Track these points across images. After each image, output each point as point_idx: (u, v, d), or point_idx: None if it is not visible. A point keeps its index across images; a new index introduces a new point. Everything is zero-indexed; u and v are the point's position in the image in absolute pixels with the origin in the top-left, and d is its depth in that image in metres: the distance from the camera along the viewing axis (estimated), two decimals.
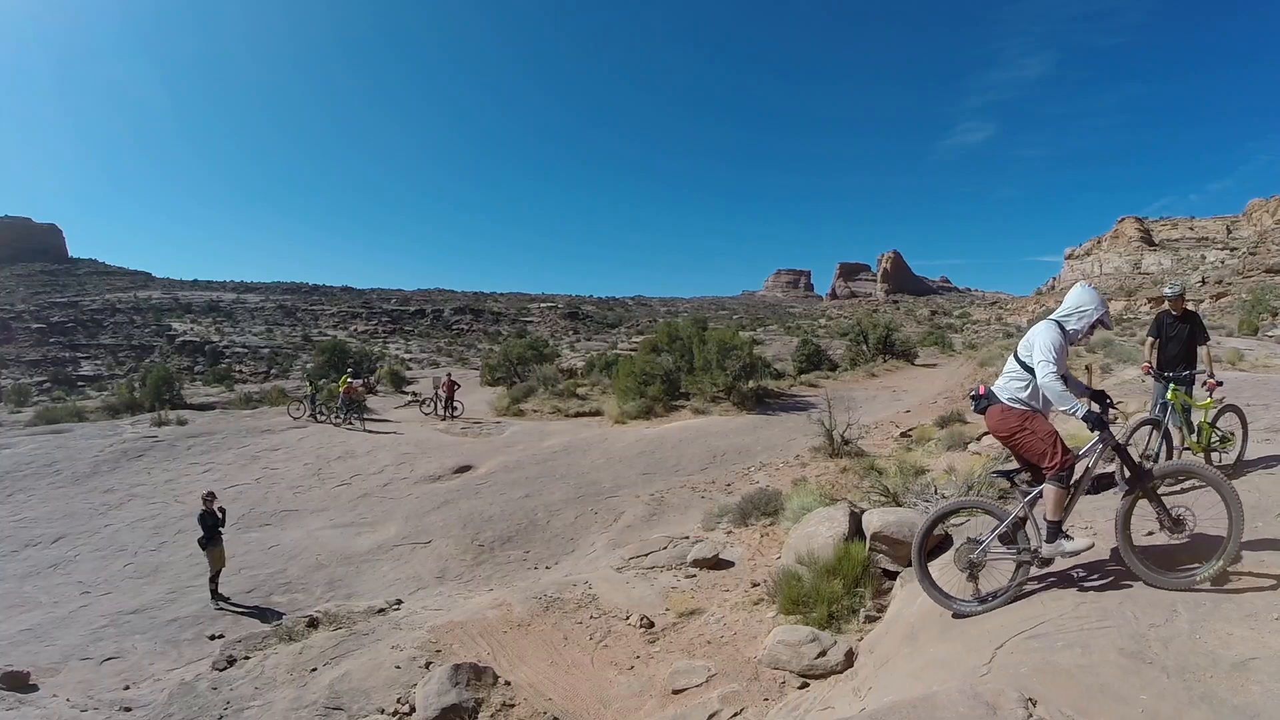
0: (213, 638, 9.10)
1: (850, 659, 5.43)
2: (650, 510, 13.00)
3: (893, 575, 6.50)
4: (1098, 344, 29.94)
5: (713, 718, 5.36)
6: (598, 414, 23.64)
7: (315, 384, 26.89)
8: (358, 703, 6.52)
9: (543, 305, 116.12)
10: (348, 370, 26.45)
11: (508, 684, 6.34)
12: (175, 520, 13.52)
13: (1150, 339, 7.57)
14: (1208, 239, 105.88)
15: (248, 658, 7.97)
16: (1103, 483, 5.97)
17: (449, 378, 26.41)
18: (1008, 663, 3.73)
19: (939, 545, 6.36)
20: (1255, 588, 4.04)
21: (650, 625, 7.49)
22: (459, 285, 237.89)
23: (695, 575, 8.74)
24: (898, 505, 7.47)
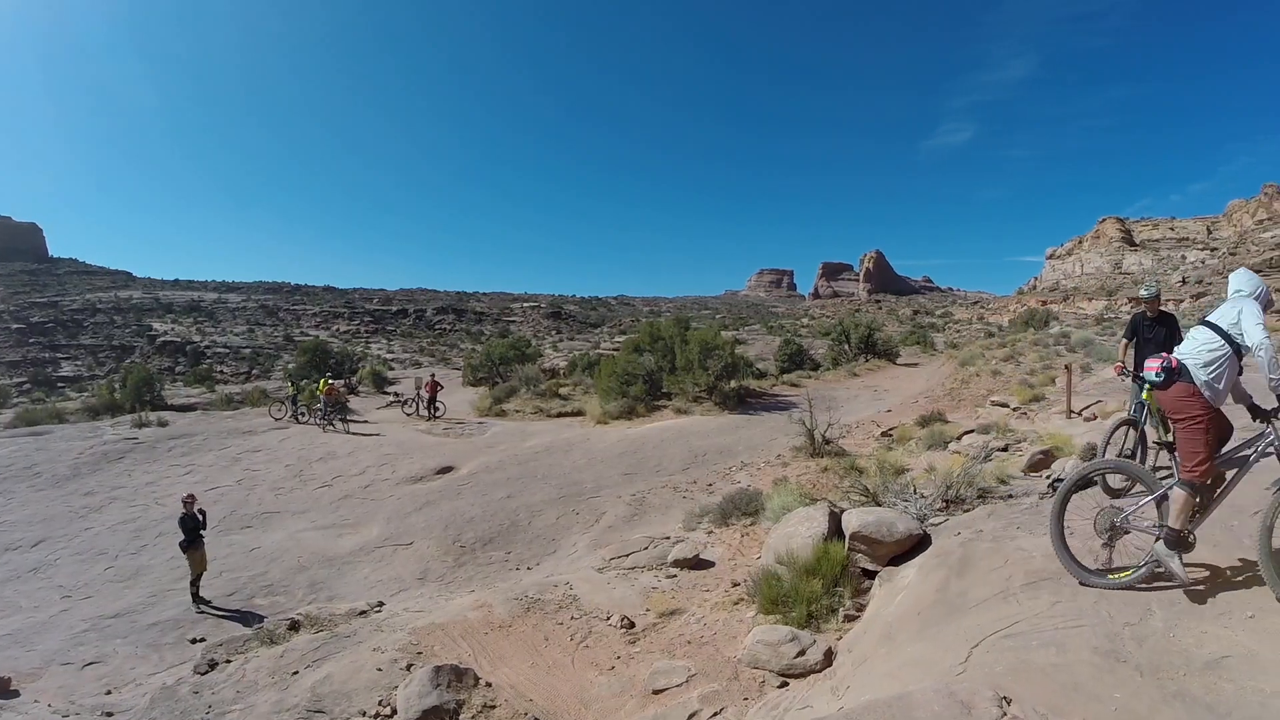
0: (194, 641, 9.07)
1: (829, 658, 5.47)
2: (632, 510, 13.02)
3: (871, 574, 6.53)
4: (1078, 344, 30.32)
5: (693, 717, 5.37)
6: (580, 414, 23.65)
7: (297, 384, 26.73)
8: (339, 705, 6.48)
9: (525, 305, 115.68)
10: (328, 375, 26.30)
11: (489, 685, 6.34)
12: (156, 523, 13.40)
13: (1125, 340, 7.70)
14: (1188, 239, 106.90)
15: (229, 661, 7.92)
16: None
17: (431, 378, 26.33)
18: (984, 662, 3.78)
19: (914, 548, 6.39)
20: (1229, 586, 4.10)
21: (631, 625, 7.50)
22: (442, 285, 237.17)
23: (676, 575, 8.76)
24: (877, 505, 7.51)
